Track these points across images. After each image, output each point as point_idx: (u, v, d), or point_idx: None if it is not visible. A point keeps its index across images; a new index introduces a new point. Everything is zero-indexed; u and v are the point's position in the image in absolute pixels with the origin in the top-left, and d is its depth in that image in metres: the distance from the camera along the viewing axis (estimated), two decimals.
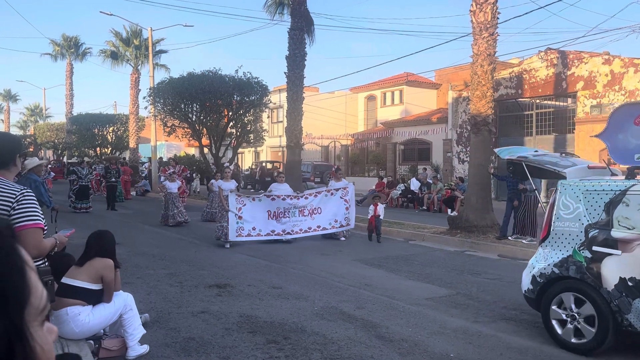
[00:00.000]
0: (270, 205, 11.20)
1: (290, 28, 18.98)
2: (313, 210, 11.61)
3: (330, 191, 12.06)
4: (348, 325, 5.53)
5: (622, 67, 19.10)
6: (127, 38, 32.09)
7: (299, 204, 11.48)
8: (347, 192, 12.06)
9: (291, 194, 11.65)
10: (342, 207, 11.93)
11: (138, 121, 32.34)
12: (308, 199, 11.65)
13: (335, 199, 11.94)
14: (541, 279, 5.24)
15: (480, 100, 12.17)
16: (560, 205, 5.30)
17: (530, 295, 5.38)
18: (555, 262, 5.16)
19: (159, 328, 5.33)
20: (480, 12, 12.04)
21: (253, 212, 10.95)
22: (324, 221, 11.71)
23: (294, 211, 11.38)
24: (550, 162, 6.29)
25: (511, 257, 10.05)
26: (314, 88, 32.89)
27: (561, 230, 5.23)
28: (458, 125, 24.97)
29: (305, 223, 11.51)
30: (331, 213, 11.79)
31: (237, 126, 22.40)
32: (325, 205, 11.77)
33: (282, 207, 11.27)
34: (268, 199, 11.29)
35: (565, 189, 5.33)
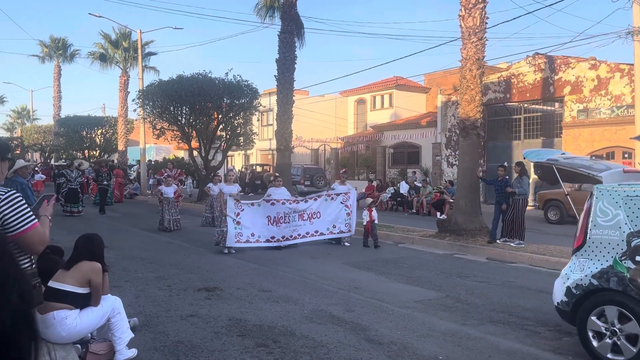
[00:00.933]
0: (270, 211, 10.89)
1: (281, 31, 19.02)
2: (312, 214, 11.34)
3: (330, 195, 11.76)
4: (337, 329, 5.53)
5: (608, 72, 19.33)
6: (116, 40, 31.95)
7: (299, 207, 11.21)
8: (348, 197, 11.80)
9: (290, 198, 11.35)
10: (342, 213, 11.66)
11: (127, 124, 32.18)
12: (308, 202, 11.41)
13: (335, 204, 11.68)
14: (577, 291, 4.87)
15: (469, 104, 12.25)
16: (597, 212, 4.93)
17: (564, 308, 5.00)
18: (593, 273, 4.78)
19: (147, 332, 5.29)
20: (469, 17, 12.14)
21: (252, 217, 10.63)
22: (322, 226, 11.44)
23: (293, 215, 11.11)
24: (583, 165, 5.95)
25: (500, 260, 10.11)
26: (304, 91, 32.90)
27: (599, 239, 4.87)
28: (447, 129, 25.12)
29: (304, 228, 11.24)
30: (330, 218, 11.53)
31: (227, 129, 22.36)
32: (324, 210, 11.49)
33: (282, 212, 10.98)
34: (267, 204, 10.95)
35: (603, 194, 4.96)
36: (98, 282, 4.45)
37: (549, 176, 6.71)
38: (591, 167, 5.76)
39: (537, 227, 14.69)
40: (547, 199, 16.83)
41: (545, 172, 6.71)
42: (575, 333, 5.55)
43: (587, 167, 5.80)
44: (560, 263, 9.33)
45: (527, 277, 8.56)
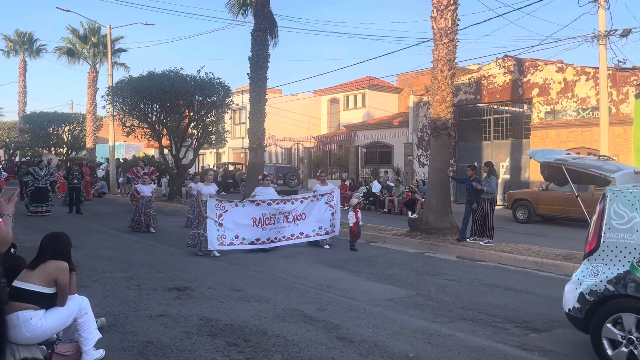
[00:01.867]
0: (255, 211, 10.38)
1: (254, 29, 18.92)
2: (297, 216, 10.92)
3: (315, 196, 11.33)
4: (309, 327, 5.53)
5: (575, 75, 19.84)
6: (84, 35, 31.31)
7: (285, 208, 10.75)
8: (332, 197, 11.48)
9: (277, 198, 10.87)
10: (327, 213, 11.31)
11: (95, 121, 31.57)
12: (294, 204, 10.96)
13: (320, 205, 11.29)
14: (592, 297, 4.67)
15: (440, 104, 12.41)
16: (611, 215, 4.74)
17: (577, 315, 4.79)
18: (609, 279, 4.59)
19: (115, 332, 5.20)
20: (440, 18, 12.29)
21: (236, 218, 10.12)
22: (308, 228, 11.03)
23: (279, 217, 10.64)
24: (594, 165, 5.73)
25: (469, 258, 10.28)
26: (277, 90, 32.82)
27: (614, 243, 4.68)
28: (419, 129, 25.39)
29: (289, 230, 10.79)
30: (315, 219, 11.13)
31: (199, 127, 22.13)
32: (310, 212, 11.08)
33: (268, 213, 10.50)
34: (252, 204, 10.47)
35: (617, 196, 4.77)
36: (65, 281, 4.35)
37: (557, 177, 6.47)
38: (602, 168, 5.57)
39: (505, 226, 14.97)
40: (515, 198, 17.17)
41: (552, 173, 6.46)
42: (543, 329, 5.70)
43: (598, 168, 5.60)
44: (527, 261, 9.57)
45: (496, 275, 8.72)
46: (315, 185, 12.10)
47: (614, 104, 18.42)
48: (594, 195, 14.97)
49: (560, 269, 9.07)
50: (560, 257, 9.70)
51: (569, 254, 9.99)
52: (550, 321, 6.03)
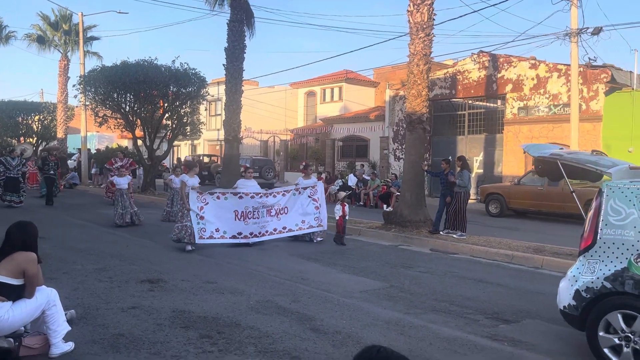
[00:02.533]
0: (238, 205, 10.11)
1: (230, 20, 18.73)
2: (280, 210, 10.65)
3: (298, 190, 11.06)
4: (283, 319, 5.53)
5: (547, 71, 20.19)
6: (55, 22, 30.52)
7: (267, 202, 10.47)
8: (315, 191, 11.18)
9: (260, 192, 10.56)
10: (310, 207, 11.00)
11: (67, 110, 30.83)
12: (277, 197, 10.67)
13: (302, 199, 11.00)
14: (588, 294, 4.60)
15: (416, 99, 12.48)
16: (608, 211, 4.65)
17: (572, 312, 4.72)
18: (606, 276, 4.52)
19: (85, 324, 5.12)
20: (417, 12, 12.34)
21: (217, 211, 9.88)
22: (291, 222, 10.76)
23: (262, 211, 10.36)
24: (589, 160, 5.65)
25: (442, 251, 10.40)
26: (253, 82, 32.58)
27: (611, 239, 4.59)
28: (395, 124, 25.54)
29: (271, 224, 10.51)
30: (298, 213, 10.87)
31: (173, 118, 21.84)
32: (292, 205, 10.83)
33: (251, 206, 10.21)
34: (235, 197, 10.15)
35: (614, 191, 4.68)
36: (33, 272, 4.26)
37: (551, 172, 6.38)
38: (598, 163, 5.51)
39: (478, 219, 15.20)
40: (488, 192, 17.43)
41: (547, 168, 6.34)
42: (513, 320, 5.81)
43: (594, 163, 5.53)
44: (499, 254, 9.73)
45: (468, 268, 8.85)
46: (298, 178, 11.79)
47: (585, 100, 18.82)
48: (564, 189, 15.34)
49: (531, 261, 9.26)
50: (531, 250, 9.90)
51: (539, 247, 10.20)
52: (520, 312, 6.16)
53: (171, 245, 10.01)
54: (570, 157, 5.93)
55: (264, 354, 4.53)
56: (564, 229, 14.24)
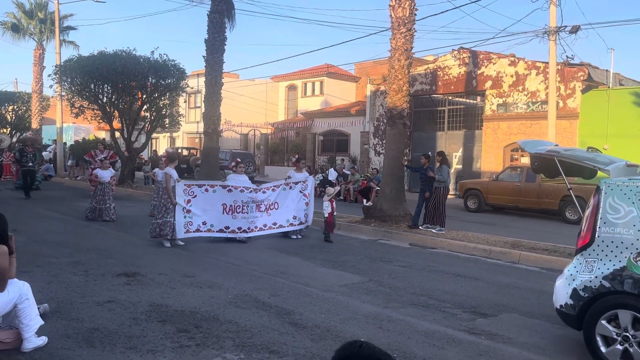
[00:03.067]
0: (226, 198, 9.82)
1: (210, 11, 18.49)
2: (270, 205, 10.33)
3: (289, 184, 10.72)
4: (262, 313, 5.50)
5: (526, 69, 20.43)
6: (30, 10, 29.81)
7: (257, 198, 10.13)
8: (306, 186, 10.90)
9: (251, 187, 10.22)
10: (301, 203, 10.74)
11: (42, 100, 30.19)
12: (266, 193, 10.34)
13: (294, 194, 10.70)
14: (586, 293, 4.53)
15: (397, 93, 12.51)
16: (606, 209, 4.58)
17: (569, 311, 4.64)
18: (605, 275, 4.45)
19: (59, 319, 5.01)
20: (399, 7, 12.35)
21: (205, 204, 9.58)
22: (282, 218, 10.48)
23: (251, 206, 10.05)
24: (587, 157, 5.57)
25: (421, 245, 10.47)
26: (234, 74, 32.29)
27: (610, 238, 4.52)
28: (375, 119, 25.60)
29: (262, 220, 10.21)
30: (289, 209, 10.58)
31: (152, 110, 21.53)
32: (283, 201, 10.51)
33: (240, 201, 9.91)
34: (224, 190, 9.86)
35: (612, 189, 4.60)
36: (4, 265, 4.14)
37: (547, 168, 6.27)
38: (595, 160, 5.44)
39: (457, 214, 15.34)
40: (466, 188, 17.60)
41: (543, 164, 6.26)
42: (490, 314, 5.87)
43: (592, 160, 5.46)
44: (477, 249, 9.83)
45: (447, 262, 8.92)
46: (290, 171, 11.42)
47: (562, 98, 19.10)
48: (541, 186, 15.57)
49: (508, 256, 9.37)
50: (508, 245, 10.02)
51: (516, 242, 10.33)
52: (497, 306, 6.22)
53: (148, 238, 9.87)
54: (567, 154, 5.87)
55: (242, 348, 4.49)
56: (541, 224, 14.47)
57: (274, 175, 29.64)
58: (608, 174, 5.00)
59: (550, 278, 7.96)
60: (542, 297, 6.73)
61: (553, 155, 5.88)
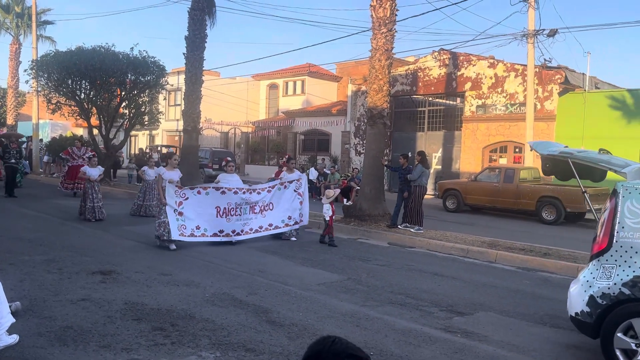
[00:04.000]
0: (220, 200, 9.42)
1: (191, 8, 18.33)
2: (265, 206, 10.03)
3: (284, 184, 10.42)
4: (239, 311, 5.47)
5: (505, 71, 20.68)
6: (6, 4, 29.25)
7: (251, 199, 9.80)
8: (300, 185, 10.61)
9: (243, 187, 9.85)
10: (296, 202, 10.45)
11: (18, 96, 29.65)
12: (261, 194, 10.01)
13: (288, 193, 10.41)
14: (604, 301, 4.34)
15: (377, 93, 12.56)
16: (625, 212, 4.39)
17: (585, 319, 4.44)
18: (624, 281, 4.27)
19: (31, 317, 4.92)
20: (380, 7, 12.40)
21: (197, 207, 9.16)
22: (276, 219, 10.16)
23: (245, 207, 9.72)
24: (601, 159, 5.41)
25: (400, 244, 10.53)
26: (214, 72, 32.09)
27: (629, 243, 4.34)
28: (356, 119, 25.67)
29: (256, 221, 9.88)
30: (284, 209, 10.29)
31: (131, 107, 21.27)
32: (278, 201, 10.21)
33: (234, 203, 9.56)
34: (217, 192, 9.44)
35: (630, 192, 4.42)
36: None
37: (559, 170, 6.08)
38: (610, 162, 5.27)
39: (436, 214, 15.46)
40: (445, 188, 17.75)
41: (555, 166, 6.07)
42: (466, 313, 5.92)
43: (607, 162, 5.28)
44: (454, 248, 9.92)
45: (425, 261, 8.98)
46: (282, 172, 11.03)
47: (540, 100, 19.39)
48: (518, 187, 15.79)
49: (485, 255, 9.47)
50: (485, 245, 10.13)
51: (493, 242, 10.45)
52: (474, 305, 6.29)
53: (125, 236, 9.78)
54: (581, 155, 5.68)
55: (218, 347, 4.46)
56: (518, 224, 14.66)
57: (255, 174, 29.54)
58: (625, 176, 4.89)
59: (526, 277, 8.09)
60: (518, 296, 6.83)
61: (567, 156, 5.69)
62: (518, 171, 16.19)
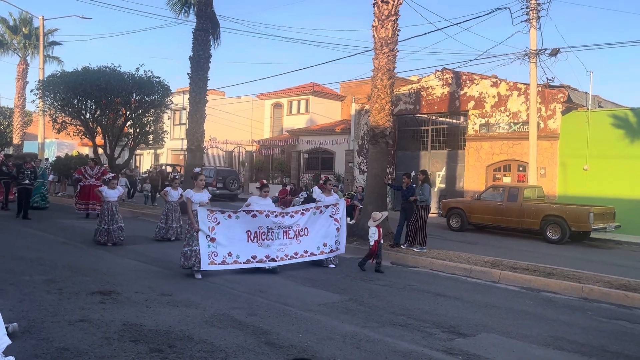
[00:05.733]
0: (251, 224, 8.83)
1: (196, 29, 18.57)
2: (299, 231, 9.42)
3: (319, 208, 9.83)
4: (238, 333, 5.42)
5: (507, 90, 20.75)
6: (14, 26, 29.75)
7: (284, 222, 9.19)
8: (338, 210, 9.99)
9: (276, 210, 9.24)
10: (332, 228, 9.85)
11: (24, 116, 29.97)
12: (294, 217, 9.40)
13: (324, 218, 9.81)
14: None
15: (379, 112, 12.61)
16: None
17: None
18: None
19: (28, 338, 4.88)
20: (381, 27, 12.51)
21: (229, 232, 8.55)
22: (312, 245, 9.56)
23: (277, 232, 9.10)
24: None
25: (402, 264, 10.45)
26: (219, 92, 32.35)
27: None
28: (360, 137, 25.73)
29: (291, 247, 9.28)
30: (320, 235, 9.68)
31: (135, 126, 21.43)
32: (313, 226, 9.62)
33: (265, 227, 8.95)
34: (248, 215, 8.82)
35: None
36: None
37: None
38: None
39: (439, 233, 15.38)
40: (449, 207, 17.69)
41: None
42: (468, 334, 5.84)
43: None
44: (458, 268, 9.84)
45: (427, 281, 8.90)
46: (318, 193, 10.31)
47: (543, 119, 19.39)
48: (522, 206, 15.71)
49: (488, 275, 9.39)
50: (489, 265, 10.04)
51: (497, 261, 10.36)
52: (476, 326, 6.20)
53: (127, 255, 9.76)
54: None
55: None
56: (522, 243, 14.55)
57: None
58: None
59: (530, 297, 8.00)
60: (521, 317, 6.74)
61: None
62: (522, 190, 16.13)
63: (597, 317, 7.01)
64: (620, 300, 7.90)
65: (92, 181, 16.29)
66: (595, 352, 5.45)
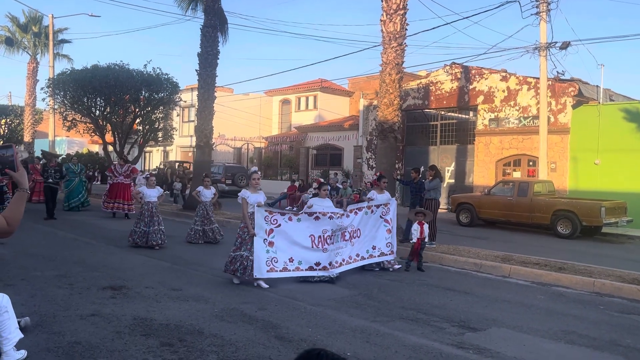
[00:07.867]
0: (315, 228, 8.01)
1: (203, 25, 18.57)
2: (353, 232, 8.64)
3: (370, 208, 9.07)
4: (248, 327, 5.43)
5: (517, 84, 20.58)
6: (25, 24, 29.91)
7: (343, 223, 8.39)
8: (388, 210, 9.28)
9: (337, 211, 8.38)
10: (382, 230, 9.17)
11: (35, 114, 30.18)
12: (349, 217, 8.59)
13: (374, 219, 9.09)
14: None
15: (388, 107, 12.56)
16: None
17: None
18: None
19: (40, 332, 4.93)
20: (390, 22, 12.45)
21: (290, 236, 7.81)
22: (362, 248, 8.84)
23: (337, 234, 8.28)
24: None
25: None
26: (228, 89, 32.45)
27: None
28: (368, 133, 25.67)
29: (346, 251, 8.46)
30: (369, 237, 8.97)
31: (145, 123, 21.53)
32: (364, 227, 8.88)
33: (330, 229, 8.11)
34: (310, 217, 8.02)
35: None
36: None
37: None
38: None
39: (449, 229, 15.32)
40: (459, 202, 17.60)
41: None
42: (479, 328, 5.81)
43: None
44: (467, 263, 9.79)
45: (437, 276, 8.87)
46: (371, 192, 9.71)
47: (553, 113, 19.23)
48: (533, 200, 15.60)
49: (498, 270, 9.33)
50: (499, 259, 9.98)
51: (507, 256, 10.30)
52: (486, 320, 6.17)
53: (138, 251, 9.81)
54: None
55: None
56: (532, 238, 14.46)
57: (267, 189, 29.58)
58: None
59: (540, 292, 7.95)
60: (532, 311, 6.70)
61: None
62: (532, 185, 16.02)
63: (609, 311, 6.95)
64: (633, 294, 7.83)
65: (121, 179, 16.08)
66: (606, 347, 5.41)
